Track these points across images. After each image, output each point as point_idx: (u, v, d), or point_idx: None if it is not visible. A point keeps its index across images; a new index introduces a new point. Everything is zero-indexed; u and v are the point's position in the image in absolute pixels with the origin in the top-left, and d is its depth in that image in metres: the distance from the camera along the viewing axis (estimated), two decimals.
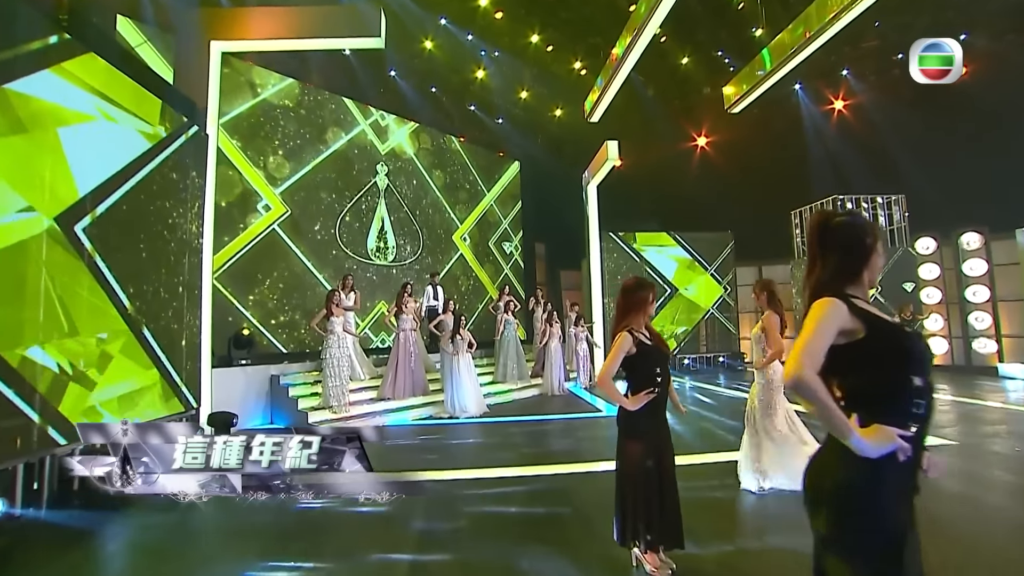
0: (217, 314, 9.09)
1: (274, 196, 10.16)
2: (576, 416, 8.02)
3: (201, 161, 6.69)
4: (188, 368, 6.25)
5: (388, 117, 12.40)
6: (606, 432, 6.78)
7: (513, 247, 15.45)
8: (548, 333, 10.47)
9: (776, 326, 4.04)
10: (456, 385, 8.12)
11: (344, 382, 7.50)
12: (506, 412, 8.54)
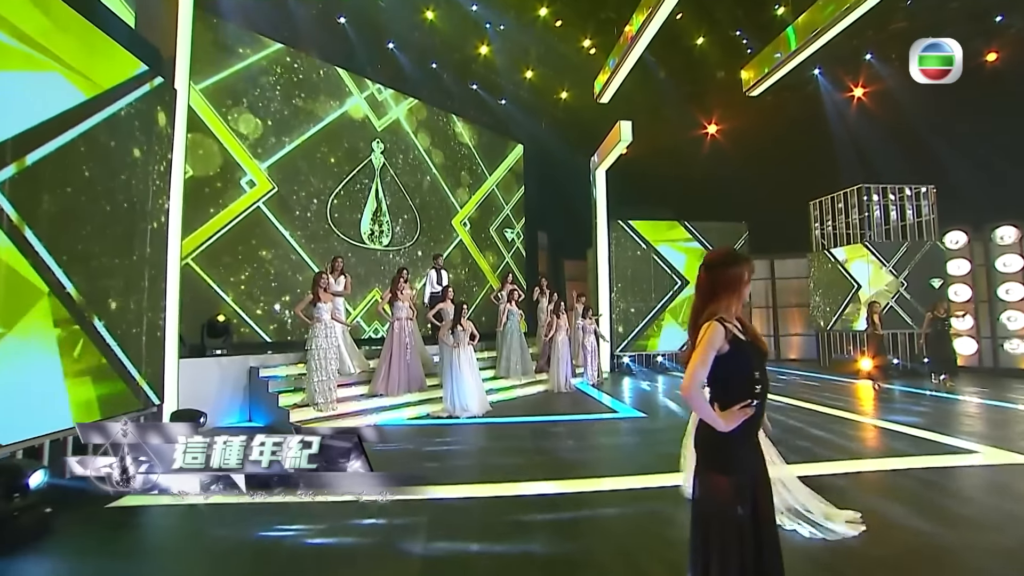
0: (192, 299, 8.19)
1: (259, 171, 9.22)
2: (589, 417, 7.19)
3: (168, 119, 5.76)
4: (149, 360, 5.36)
5: (385, 91, 11.45)
6: (626, 438, 5.97)
7: (515, 234, 14.56)
8: (555, 325, 9.63)
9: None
10: (456, 381, 7.27)
11: (331, 376, 6.64)
12: (511, 411, 7.71)
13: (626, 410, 7.60)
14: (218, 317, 6.81)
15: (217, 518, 3.63)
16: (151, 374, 5.38)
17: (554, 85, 15.36)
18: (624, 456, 5.55)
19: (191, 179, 8.32)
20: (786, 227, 13.84)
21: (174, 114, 5.85)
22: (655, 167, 14.34)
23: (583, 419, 7.11)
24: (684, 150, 15.57)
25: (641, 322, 12.84)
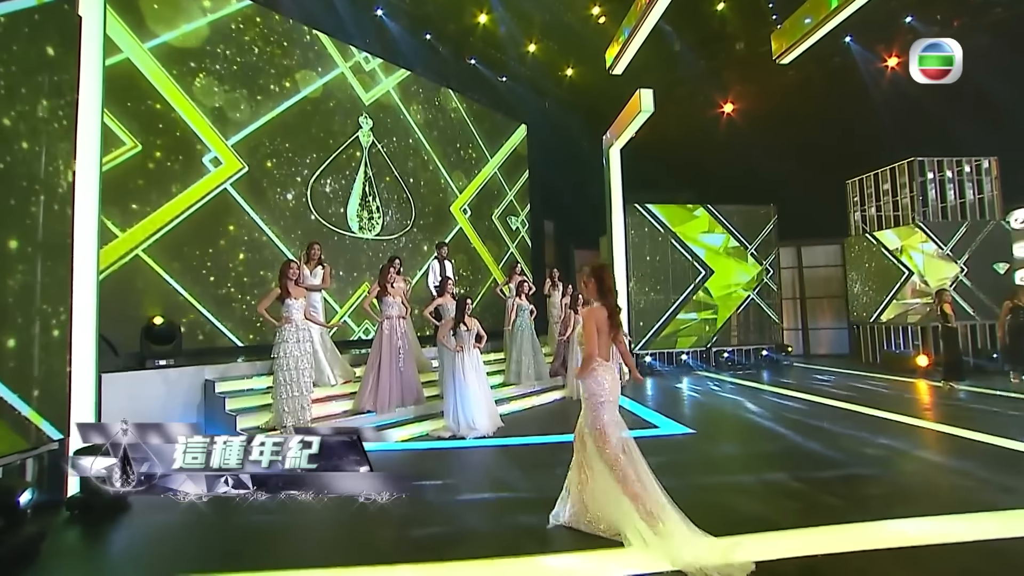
0: (143, 298, 6.80)
1: (226, 148, 7.75)
2: (632, 435, 5.75)
3: (68, 57, 4.28)
4: (44, 383, 3.92)
5: (373, 61, 9.96)
6: (695, 474, 4.52)
7: (519, 222, 13.10)
8: (572, 322, 8.19)
9: (603, 323, 3.13)
10: (461, 392, 5.83)
11: (303, 391, 5.19)
12: (526, 427, 6.27)
13: (667, 424, 6.16)
14: (154, 320, 5.34)
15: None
16: (47, 401, 3.93)
17: (559, 60, 13.88)
18: (709, 501, 4.01)
19: (140, 155, 6.90)
20: (815, 211, 12.39)
21: (78, 50, 4.37)
22: (674, 146, 12.90)
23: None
24: (705, 128, 14.10)
25: (662, 316, 11.40)
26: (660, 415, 6.64)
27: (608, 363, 3.06)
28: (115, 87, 6.74)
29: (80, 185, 4.35)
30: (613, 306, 3.07)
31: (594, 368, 3.05)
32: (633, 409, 7.16)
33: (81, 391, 4.26)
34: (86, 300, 4.37)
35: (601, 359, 3.04)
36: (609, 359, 3.09)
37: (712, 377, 10.17)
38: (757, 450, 5.01)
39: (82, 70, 4.39)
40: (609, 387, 3.05)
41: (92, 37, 4.47)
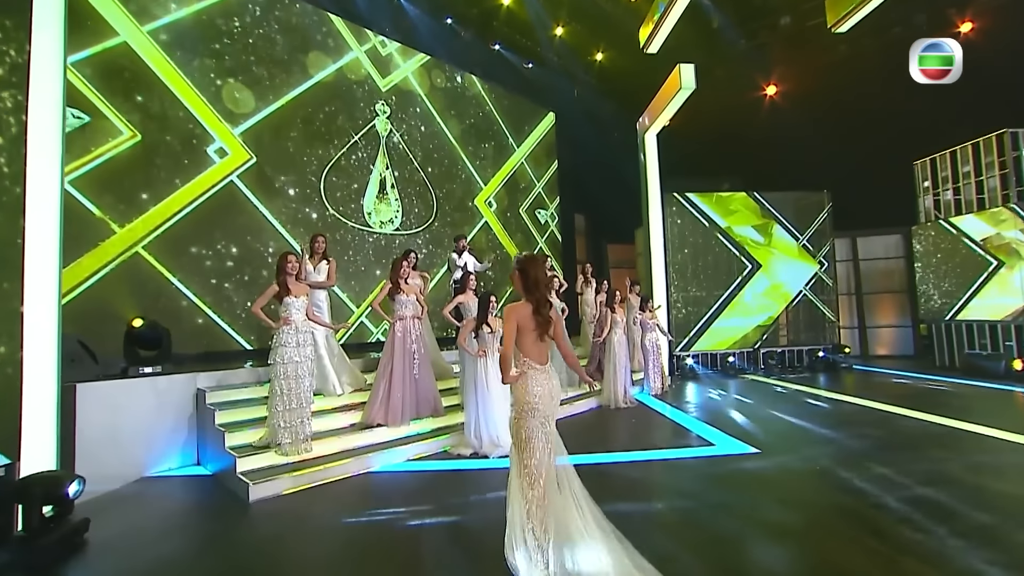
0: (143, 298, 6.22)
1: (232, 138, 7.14)
2: (678, 455, 4.83)
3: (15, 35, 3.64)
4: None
5: (390, 44, 9.25)
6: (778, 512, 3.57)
7: (548, 216, 12.23)
8: (609, 322, 7.28)
9: (526, 321, 2.64)
10: (483, 403, 5.01)
11: (303, 403, 4.46)
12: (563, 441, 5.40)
13: (724, 440, 5.21)
14: (134, 322, 4.70)
15: None
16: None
17: (588, 44, 12.93)
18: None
19: (139, 145, 6.33)
20: (873, 197, 11.14)
21: (29, 31, 3.72)
22: (716, 131, 11.81)
23: (669, 457, 4.76)
24: (749, 110, 12.92)
25: (705, 314, 10.36)
26: (714, 429, 5.67)
27: (542, 367, 2.66)
28: (112, 73, 6.21)
29: (36, 182, 3.70)
30: (540, 301, 2.65)
31: (523, 372, 2.64)
32: (681, 421, 6.21)
33: (36, 409, 3.61)
34: (45, 304, 3.72)
35: (531, 362, 2.64)
36: (545, 361, 2.69)
37: (762, 381, 9.09)
38: (841, 479, 4.03)
39: (34, 51, 3.74)
40: (540, 395, 2.62)
41: (50, 11, 3.83)
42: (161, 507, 3.96)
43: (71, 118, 5.93)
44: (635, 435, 5.78)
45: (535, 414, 2.59)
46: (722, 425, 5.82)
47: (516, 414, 2.65)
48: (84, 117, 6.02)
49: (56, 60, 3.89)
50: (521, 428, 2.61)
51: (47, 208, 3.77)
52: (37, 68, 3.74)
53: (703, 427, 5.80)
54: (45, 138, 3.76)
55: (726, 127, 12.14)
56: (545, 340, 2.66)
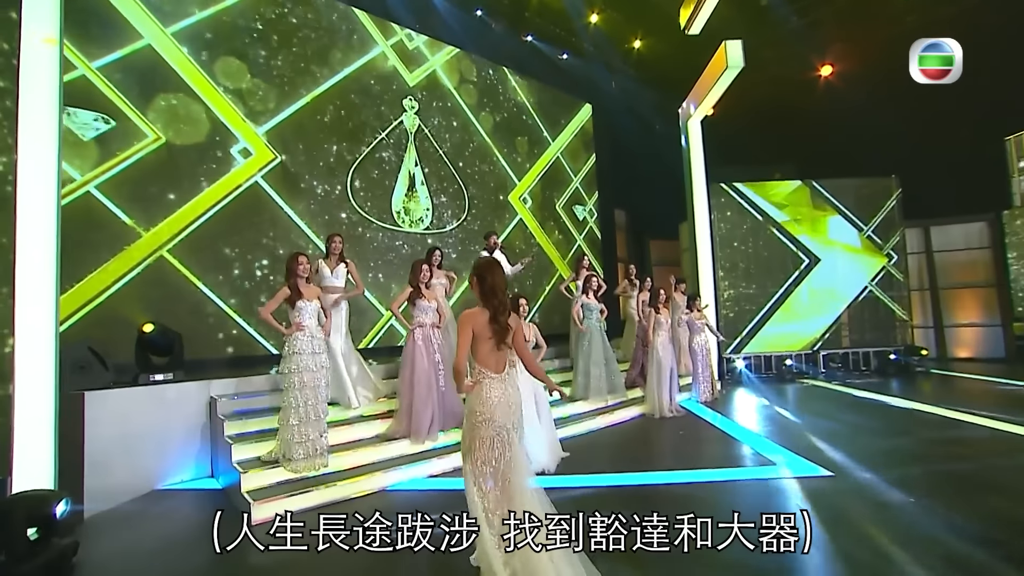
0: (169, 301, 6.06)
1: (257, 137, 6.92)
2: (735, 476, 4.17)
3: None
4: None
5: (417, 38, 8.89)
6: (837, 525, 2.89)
7: (587, 211, 11.61)
8: (655, 324, 6.63)
9: (482, 329, 2.53)
10: None
11: (320, 414, 4.07)
12: (596, 458, 4.83)
13: (787, 458, 4.50)
14: (144, 328, 4.46)
15: None
16: None
17: (626, 31, 12.22)
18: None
19: (163, 148, 6.18)
20: (948, 182, 9.96)
21: (19, 20, 3.48)
22: (766, 115, 10.88)
23: (722, 479, 4.10)
24: (803, 92, 11.89)
25: (757, 314, 9.51)
26: (776, 445, 4.95)
27: (499, 376, 2.55)
28: (136, 76, 6.08)
29: (27, 182, 3.45)
30: (498, 309, 2.52)
31: (478, 381, 2.54)
32: (734, 433, 5.50)
33: (29, 421, 3.36)
34: (39, 315, 3.47)
35: (487, 371, 2.54)
36: (502, 370, 2.57)
37: (824, 387, 8.18)
38: (947, 516, 3.29)
39: (25, 41, 3.50)
40: (495, 404, 2.51)
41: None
42: (161, 527, 3.65)
43: (97, 123, 5.83)
44: (682, 450, 5.13)
45: (489, 424, 2.47)
46: (783, 439, 5.09)
47: (467, 423, 2.55)
48: (111, 122, 5.90)
49: (51, 56, 3.66)
50: (470, 437, 2.52)
51: (43, 209, 3.52)
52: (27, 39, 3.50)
53: (761, 441, 5.10)
54: (39, 138, 3.53)
55: (777, 111, 11.17)
56: (503, 349, 2.54)
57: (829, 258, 9.56)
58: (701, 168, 9.34)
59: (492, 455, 2.45)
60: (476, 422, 2.49)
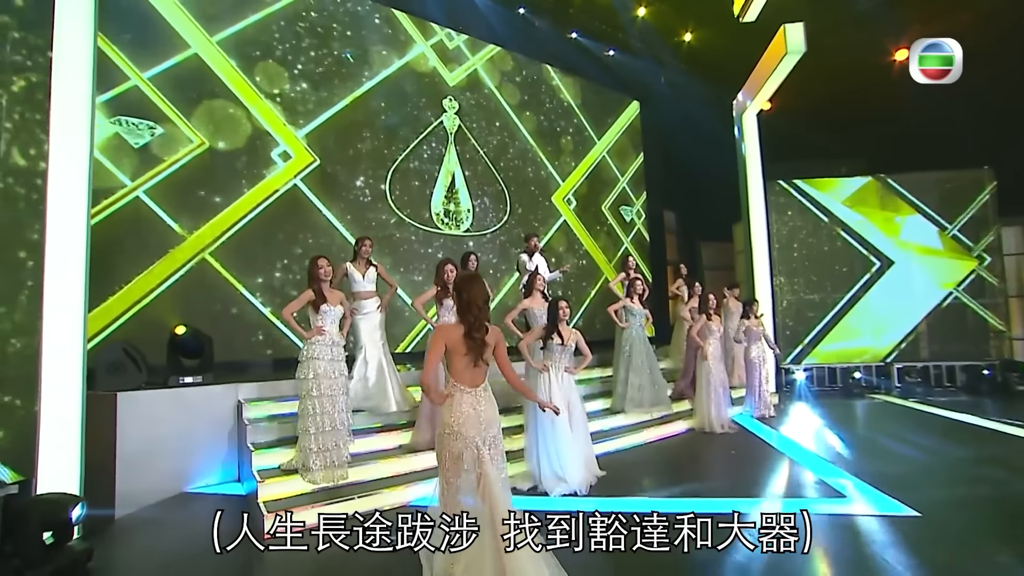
0: (210, 303, 6.12)
1: (296, 140, 6.93)
2: (797, 506, 3.65)
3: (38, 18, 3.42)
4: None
5: (457, 37, 8.72)
6: None
7: (634, 213, 11.08)
8: (706, 331, 6.10)
9: (456, 343, 2.51)
10: (543, 431, 4.16)
11: (338, 423, 3.89)
12: (637, 478, 4.40)
13: (859, 490, 3.90)
14: (176, 330, 4.44)
15: None
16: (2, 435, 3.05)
17: (675, 24, 11.61)
18: None
19: (206, 153, 6.27)
20: None
21: (52, 14, 3.48)
22: (831, 106, 9.98)
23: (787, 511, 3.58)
24: (874, 79, 10.86)
25: (820, 321, 8.69)
26: (845, 472, 4.33)
27: (472, 390, 2.52)
28: (183, 84, 6.20)
29: (59, 177, 3.45)
30: (473, 325, 2.50)
31: (451, 395, 2.53)
32: (795, 456, 4.90)
33: (54, 423, 3.33)
34: (68, 316, 3.45)
35: (461, 385, 2.52)
36: (477, 384, 2.54)
37: (900, 404, 7.32)
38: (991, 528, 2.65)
39: (58, 33, 3.51)
40: (466, 418, 2.49)
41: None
42: (180, 533, 3.56)
43: (147, 131, 5.98)
44: (733, 473, 4.61)
45: (458, 437, 2.45)
46: (854, 465, 4.46)
47: (437, 435, 2.56)
48: (159, 129, 6.04)
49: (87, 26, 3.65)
50: (438, 449, 2.54)
51: (72, 210, 3.52)
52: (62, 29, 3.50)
53: (826, 467, 4.49)
54: (69, 137, 3.52)
55: (842, 101, 10.21)
56: (480, 364, 2.49)
57: (904, 261, 8.62)
58: (757, 165, 8.66)
59: (460, 468, 2.42)
60: (445, 434, 2.48)
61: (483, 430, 2.47)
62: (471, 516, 2.34)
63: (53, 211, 3.39)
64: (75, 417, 3.48)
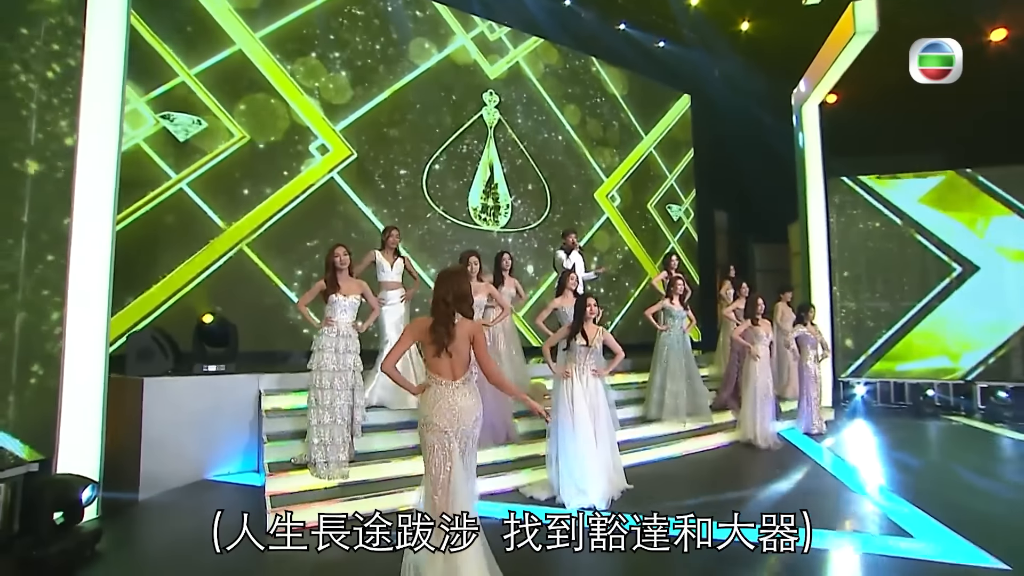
0: (247, 294, 6.21)
1: (333, 134, 6.95)
2: (863, 547, 3.17)
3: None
4: (18, 390, 3.09)
5: (499, 29, 8.52)
6: None
7: (683, 212, 10.53)
8: (752, 337, 5.60)
9: (423, 335, 2.55)
10: (564, 438, 3.88)
11: (338, 418, 3.73)
12: (670, 495, 4.02)
13: (931, 531, 3.35)
14: (204, 318, 4.47)
15: None
16: (24, 415, 3.10)
17: (731, 12, 10.92)
18: None
19: (247, 146, 6.37)
20: None
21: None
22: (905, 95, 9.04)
23: (828, 549, 3.13)
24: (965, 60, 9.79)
25: (888, 331, 7.89)
26: (913, 505, 3.75)
27: (447, 382, 2.48)
28: (226, 79, 6.32)
29: (87, 163, 3.49)
30: (438, 319, 2.47)
31: (428, 385, 2.52)
32: (850, 482, 4.36)
33: (76, 405, 3.37)
34: (93, 294, 3.49)
35: (436, 376, 2.50)
36: (454, 377, 2.49)
37: (982, 429, 6.48)
38: None
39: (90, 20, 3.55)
40: (439, 410, 2.46)
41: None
42: (187, 522, 3.51)
43: (192, 125, 6.14)
44: (773, 494, 4.13)
45: (432, 429, 2.46)
46: (924, 498, 3.87)
47: (418, 424, 2.57)
48: (203, 123, 6.19)
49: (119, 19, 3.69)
50: (420, 442, 2.55)
51: (97, 193, 3.56)
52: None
53: (889, 497, 3.94)
54: (95, 121, 3.56)
55: (918, 90, 9.23)
56: (446, 355, 2.47)
57: (992, 266, 7.67)
58: (818, 159, 7.96)
59: (435, 461, 2.44)
60: (421, 424, 2.51)
61: (456, 422, 2.44)
62: (425, 511, 2.41)
63: (81, 194, 3.43)
64: (97, 399, 3.52)
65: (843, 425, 6.62)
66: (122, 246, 5.55)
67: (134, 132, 5.79)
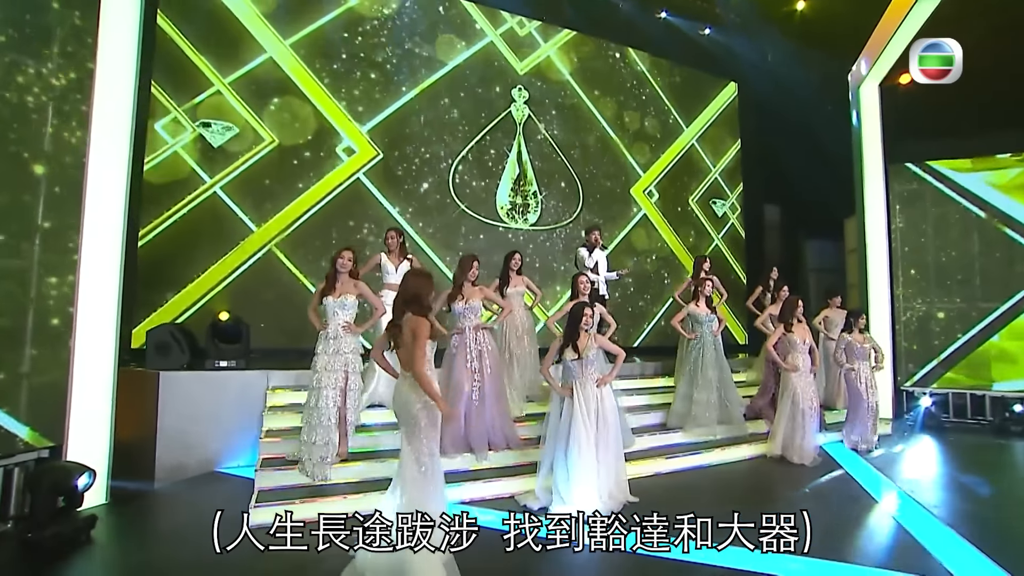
0: (275, 294, 6.38)
1: (360, 135, 7.01)
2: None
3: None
4: (31, 380, 3.26)
5: (529, 24, 8.30)
6: None
7: (728, 207, 9.88)
8: (787, 345, 5.07)
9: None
10: (561, 448, 3.62)
11: (324, 419, 3.60)
12: (674, 511, 3.66)
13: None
14: (220, 316, 4.58)
15: None
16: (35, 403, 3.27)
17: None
18: None
19: (276, 150, 6.54)
20: None
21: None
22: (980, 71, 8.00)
23: None
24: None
25: (962, 336, 6.99)
26: (983, 555, 3.11)
27: (404, 373, 2.70)
28: (258, 86, 6.51)
29: (99, 164, 3.64)
30: (395, 317, 2.73)
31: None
32: (902, 515, 3.79)
33: (86, 396, 3.52)
34: (104, 288, 3.63)
35: (401, 367, 2.73)
36: (405, 368, 2.69)
37: None
38: None
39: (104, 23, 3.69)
40: (394, 396, 2.80)
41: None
42: (189, 513, 3.57)
43: (225, 132, 6.38)
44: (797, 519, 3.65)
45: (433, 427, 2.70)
46: (989, 540, 3.24)
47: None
48: (235, 129, 6.41)
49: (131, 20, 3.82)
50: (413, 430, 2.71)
51: (108, 187, 3.70)
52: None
53: (946, 535, 3.37)
54: (109, 125, 3.71)
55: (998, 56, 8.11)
56: (399, 350, 2.68)
57: None
58: (878, 145, 7.17)
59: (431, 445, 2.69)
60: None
61: (400, 408, 2.69)
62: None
63: (92, 189, 3.58)
64: (107, 390, 3.66)
65: (901, 440, 5.89)
66: (160, 248, 5.95)
67: (174, 140, 6.10)
